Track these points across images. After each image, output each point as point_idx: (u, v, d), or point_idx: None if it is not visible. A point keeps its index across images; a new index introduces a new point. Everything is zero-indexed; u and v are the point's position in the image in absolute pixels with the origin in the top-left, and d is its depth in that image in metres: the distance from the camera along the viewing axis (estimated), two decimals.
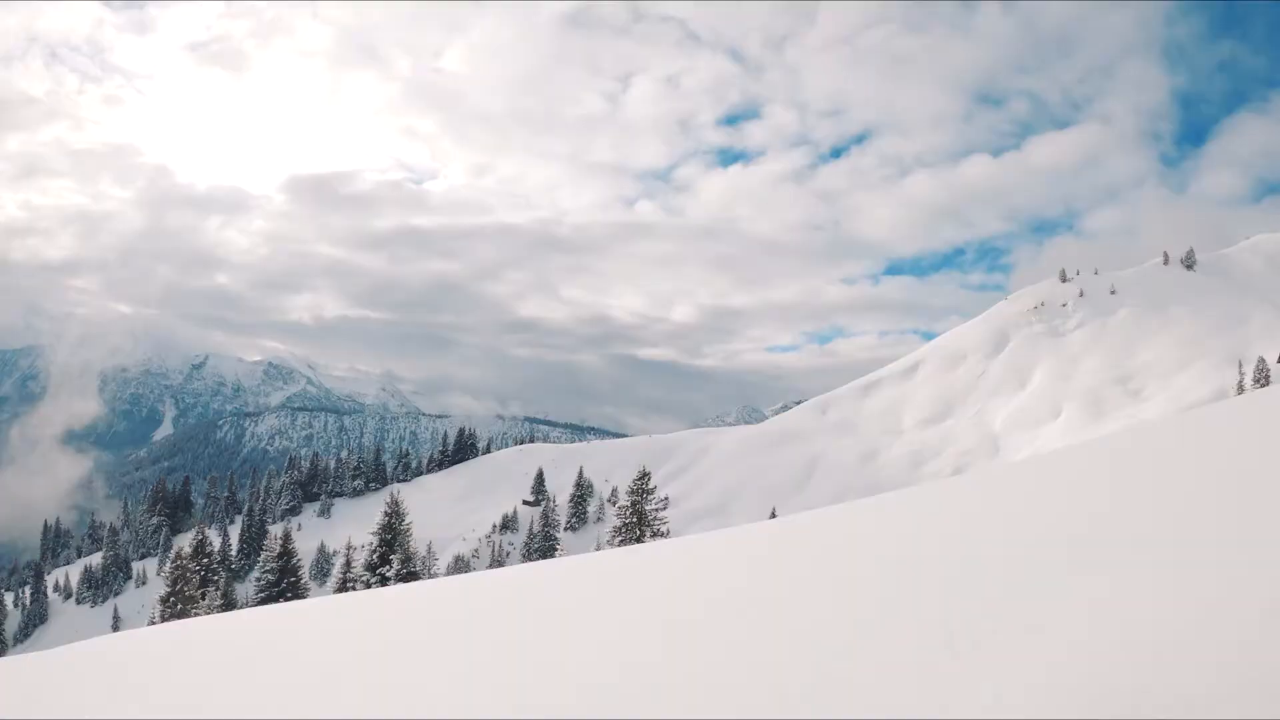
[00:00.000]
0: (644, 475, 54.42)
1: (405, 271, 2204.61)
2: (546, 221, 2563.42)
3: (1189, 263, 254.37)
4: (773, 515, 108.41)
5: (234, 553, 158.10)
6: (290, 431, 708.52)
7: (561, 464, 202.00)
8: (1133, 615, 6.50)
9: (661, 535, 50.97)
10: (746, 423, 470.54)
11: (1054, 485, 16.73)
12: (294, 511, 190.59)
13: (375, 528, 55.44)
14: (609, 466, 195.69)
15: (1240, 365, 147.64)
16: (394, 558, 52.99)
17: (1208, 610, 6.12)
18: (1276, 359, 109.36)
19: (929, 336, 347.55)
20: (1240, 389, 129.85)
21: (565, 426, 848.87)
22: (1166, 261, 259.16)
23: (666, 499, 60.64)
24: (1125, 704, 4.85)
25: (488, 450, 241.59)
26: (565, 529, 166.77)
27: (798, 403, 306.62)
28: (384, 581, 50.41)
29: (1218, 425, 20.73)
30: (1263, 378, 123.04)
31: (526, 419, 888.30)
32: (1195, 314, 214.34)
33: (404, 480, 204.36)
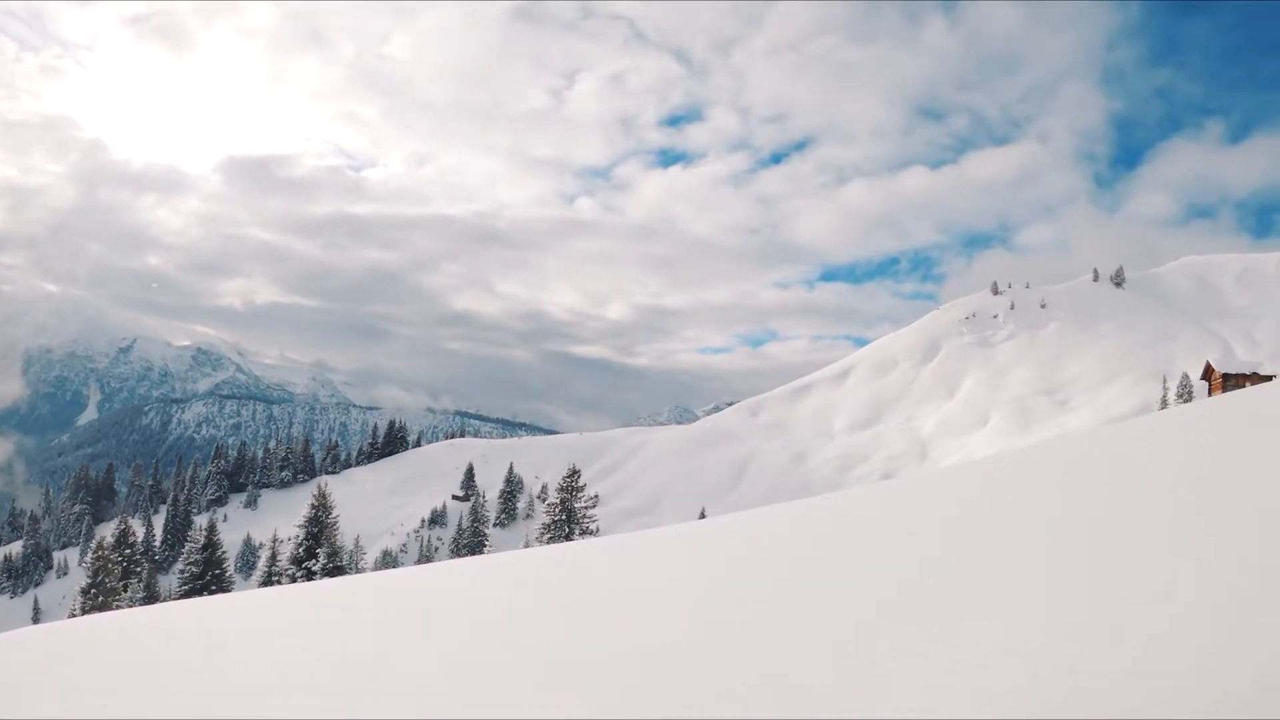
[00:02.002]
0: (574, 473, 54.43)
1: (340, 259, 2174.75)
2: (485, 215, 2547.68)
3: (1118, 280, 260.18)
4: (703, 515, 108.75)
5: (158, 544, 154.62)
6: (218, 420, 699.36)
7: (492, 459, 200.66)
8: (1048, 620, 6.55)
9: (591, 533, 51.04)
10: (678, 423, 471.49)
11: (981, 492, 16.94)
12: (220, 502, 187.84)
13: (302, 520, 54.87)
14: (540, 463, 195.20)
15: (1165, 381, 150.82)
16: (320, 552, 52.46)
17: (1121, 615, 6.25)
18: (1200, 375, 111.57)
19: (861, 343, 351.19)
20: (1164, 404, 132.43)
21: (497, 422, 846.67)
22: (1096, 278, 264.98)
23: (596, 497, 60.64)
24: (1045, 707, 4.92)
25: (418, 444, 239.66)
26: (495, 525, 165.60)
27: (730, 404, 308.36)
28: (309, 576, 49.85)
29: (1141, 437, 21.12)
30: (1186, 393, 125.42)
31: (458, 413, 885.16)
32: (1123, 330, 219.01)
33: (333, 472, 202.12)
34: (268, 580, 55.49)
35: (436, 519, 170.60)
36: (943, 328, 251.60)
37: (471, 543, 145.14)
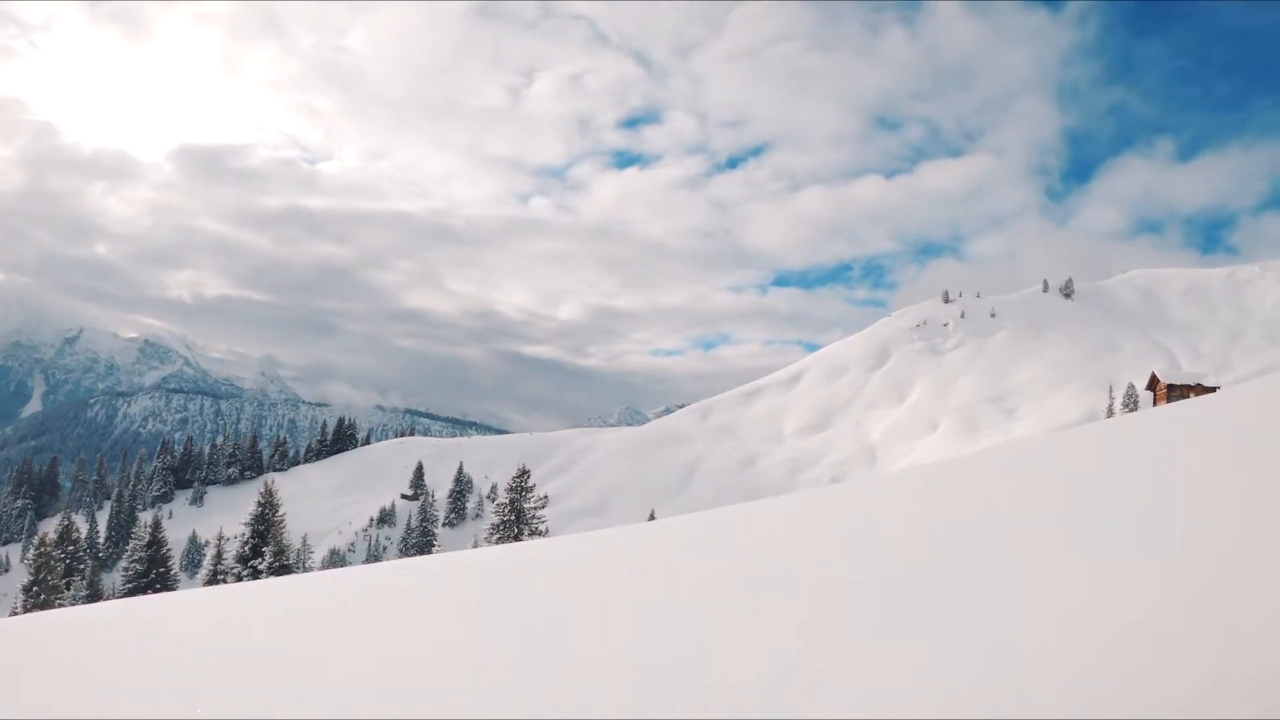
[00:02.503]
0: (523, 473, 54.32)
1: (291, 253, 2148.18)
2: (439, 212, 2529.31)
3: (1067, 291, 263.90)
4: (652, 517, 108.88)
5: (102, 540, 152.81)
6: (164, 414, 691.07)
7: (441, 458, 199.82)
8: (991, 622, 6.67)
9: (540, 534, 50.95)
10: (628, 424, 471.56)
11: (928, 496, 17.16)
12: (165, 498, 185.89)
13: (248, 518, 54.49)
14: (489, 462, 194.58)
15: (1111, 390, 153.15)
16: (266, 550, 52.15)
17: (1065, 619, 6.34)
18: (1145, 386, 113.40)
19: (812, 348, 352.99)
20: (1110, 413, 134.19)
21: (446, 420, 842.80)
22: (1046, 289, 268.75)
23: (546, 497, 60.48)
24: (986, 707, 5.01)
25: (367, 441, 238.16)
26: (443, 525, 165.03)
27: (680, 406, 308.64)
28: (255, 575, 49.55)
29: (1086, 445, 21.47)
30: (1131, 403, 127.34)
31: (407, 411, 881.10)
32: (1070, 340, 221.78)
33: (280, 469, 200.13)
34: (213, 579, 55.07)
35: (385, 518, 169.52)
36: (893, 335, 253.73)
37: (420, 542, 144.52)
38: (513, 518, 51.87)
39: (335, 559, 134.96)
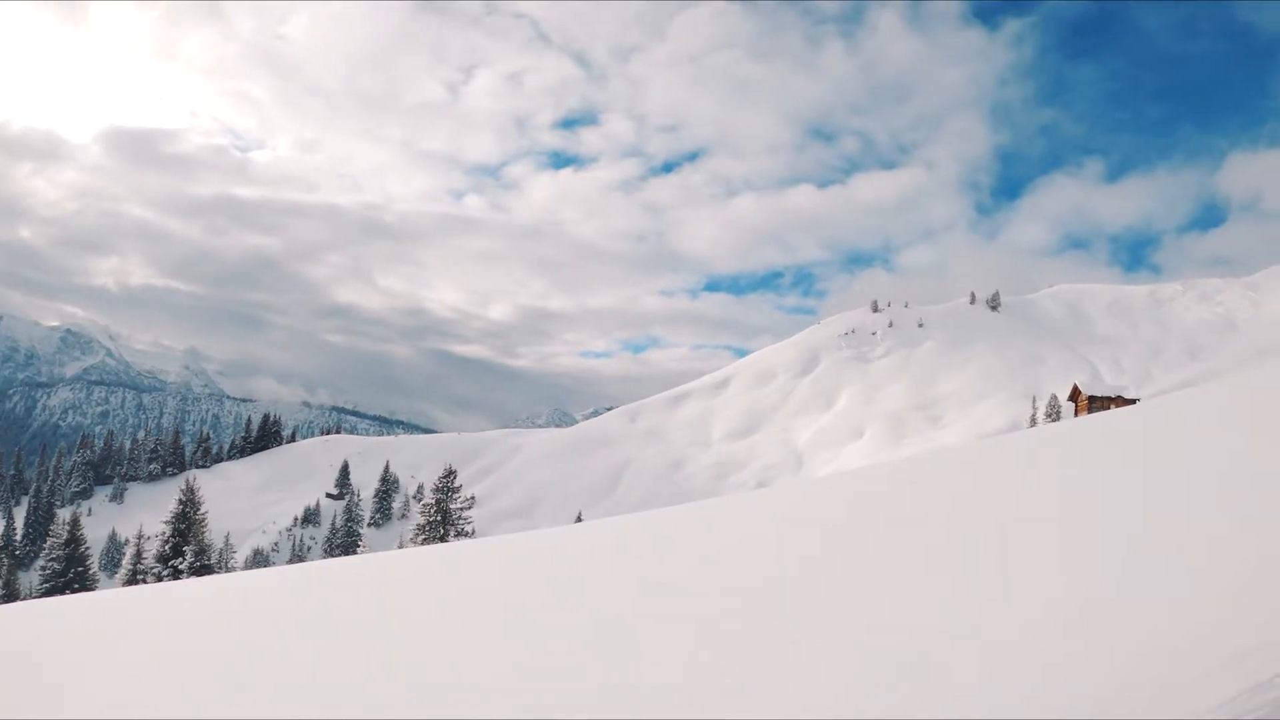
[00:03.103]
0: (450, 473, 54.06)
1: (220, 243, 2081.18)
2: (372, 206, 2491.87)
3: (994, 304, 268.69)
4: (579, 519, 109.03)
5: (18, 537, 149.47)
6: (85, 406, 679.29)
7: (368, 457, 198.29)
8: (904, 622, 6.91)
9: (466, 535, 50.63)
10: (557, 426, 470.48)
11: (853, 501, 17.49)
12: (85, 495, 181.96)
13: (169, 516, 53.71)
14: (416, 462, 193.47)
15: (1034, 401, 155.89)
16: (188, 549, 51.44)
17: (975, 619, 6.65)
18: (1067, 397, 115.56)
19: (741, 353, 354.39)
20: (1033, 422, 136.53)
21: (373, 419, 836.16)
22: (973, 301, 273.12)
23: (473, 498, 59.86)
24: (894, 707, 5.23)
25: (292, 439, 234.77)
26: (369, 525, 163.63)
27: (609, 409, 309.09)
28: (176, 575, 48.86)
29: (1009, 453, 21.98)
30: (1054, 413, 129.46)
31: (334, 408, 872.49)
32: (996, 351, 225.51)
33: (204, 466, 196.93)
34: (132, 579, 54.21)
35: (310, 517, 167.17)
36: (822, 342, 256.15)
37: (345, 543, 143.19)
38: (439, 518, 51.58)
39: (259, 559, 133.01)
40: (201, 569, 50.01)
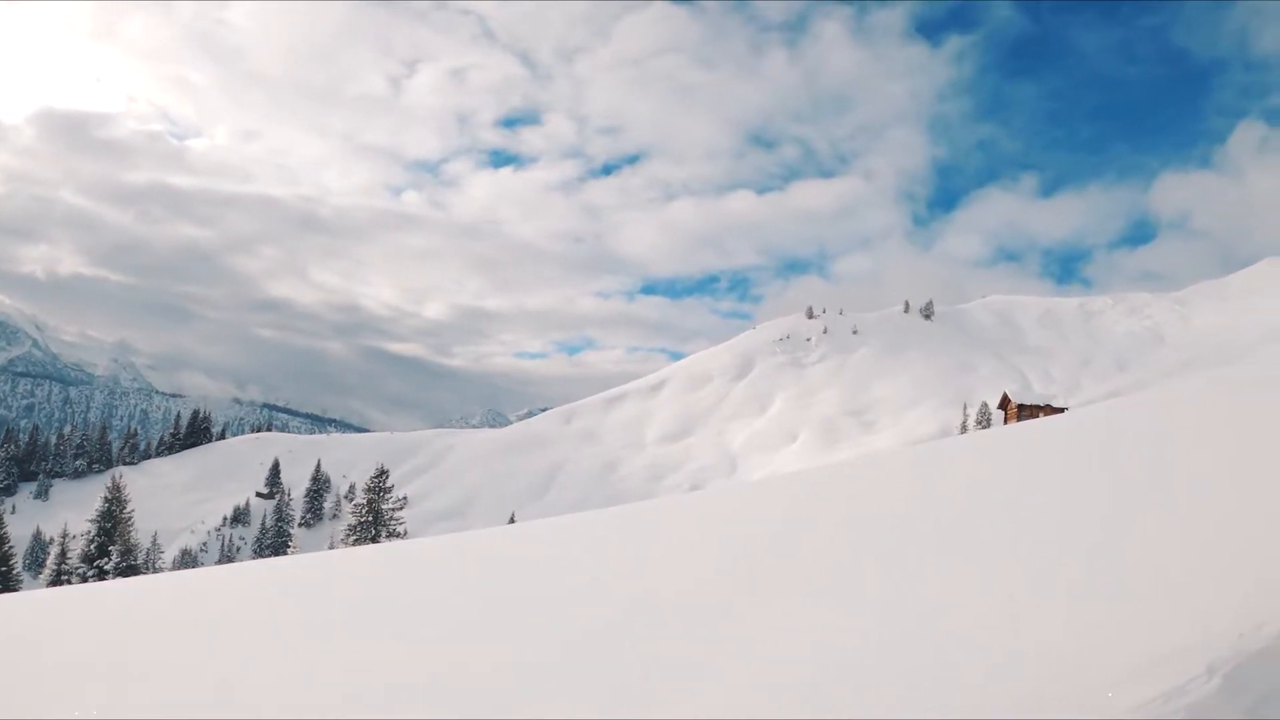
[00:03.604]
0: (382, 473, 53.67)
1: (153, 233, 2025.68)
2: (309, 199, 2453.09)
3: (927, 313, 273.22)
4: (512, 520, 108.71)
5: None
6: (10, 399, 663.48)
7: (299, 456, 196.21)
8: (838, 622, 6.99)
9: (398, 536, 50.33)
10: (491, 426, 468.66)
11: (785, 504, 17.62)
12: (8, 491, 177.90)
13: (94, 515, 52.90)
14: (349, 461, 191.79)
15: (965, 408, 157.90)
16: (114, 549, 50.69)
17: (895, 623, 6.70)
18: (997, 405, 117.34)
19: (677, 356, 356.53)
20: (964, 429, 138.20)
21: (305, 416, 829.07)
22: (907, 310, 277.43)
23: (405, 499, 59.46)
24: (829, 707, 5.23)
25: (222, 436, 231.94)
26: (300, 525, 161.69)
27: (543, 410, 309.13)
28: (102, 575, 48.08)
29: (940, 458, 22.26)
30: (985, 420, 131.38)
31: (265, 405, 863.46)
32: (929, 359, 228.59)
33: (131, 463, 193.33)
34: (56, 579, 53.25)
35: (239, 517, 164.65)
36: (757, 347, 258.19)
37: (275, 543, 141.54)
38: (370, 519, 51.18)
39: (187, 559, 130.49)
40: (128, 569, 49.28)
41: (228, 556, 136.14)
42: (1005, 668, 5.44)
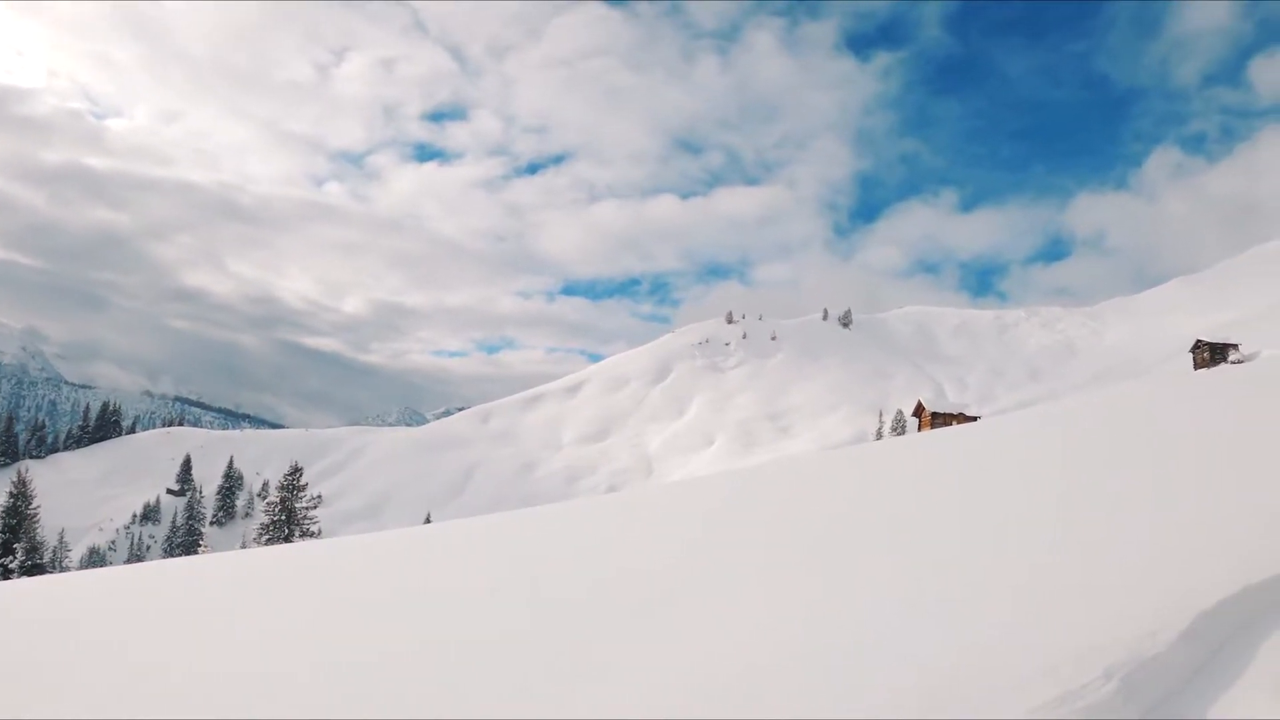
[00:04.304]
0: (296, 470, 53.11)
1: (67, 215, 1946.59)
2: (230, 186, 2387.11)
3: (846, 321, 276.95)
4: (427, 520, 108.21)
5: None
6: None
7: (212, 452, 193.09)
8: (735, 623, 7.15)
9: (311, 535, 49.84)
10: (407, 424, 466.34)
11: (699, 506, 17.94)
12: None
13: None
14: (262, 458, 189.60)
15: (881, 415, 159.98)
16: (18, 547, 49.70)
17: (797, 625, 6.82)
18: (912, 412, 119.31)
19: (595, 358, 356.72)
20: (879, 435, 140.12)
21: (219, 411, 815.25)
22: (826, 317, 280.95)
23: (319, 497, 58.84)
24: (721, 706, 5.34)
25: (133, 430, 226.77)
26: (211, 523, 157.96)
27: (460, 409, 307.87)
28: (5, 574, 47.12)
29: (854, 463, 22.82)
30: (900, 427, 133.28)
31: (178, 399, 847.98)
32: (846, 366, 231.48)
33: (38, 456, 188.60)
34: None
35: (149, 514, 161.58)
36: (676, 351, 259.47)
37: (186, 542, 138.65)
38: (283, 518, 50.69)
39: (95, 558, 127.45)
40: (33, 568, 48.47)
41: (137, 555, 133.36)
42: (911, 668, 5.54)
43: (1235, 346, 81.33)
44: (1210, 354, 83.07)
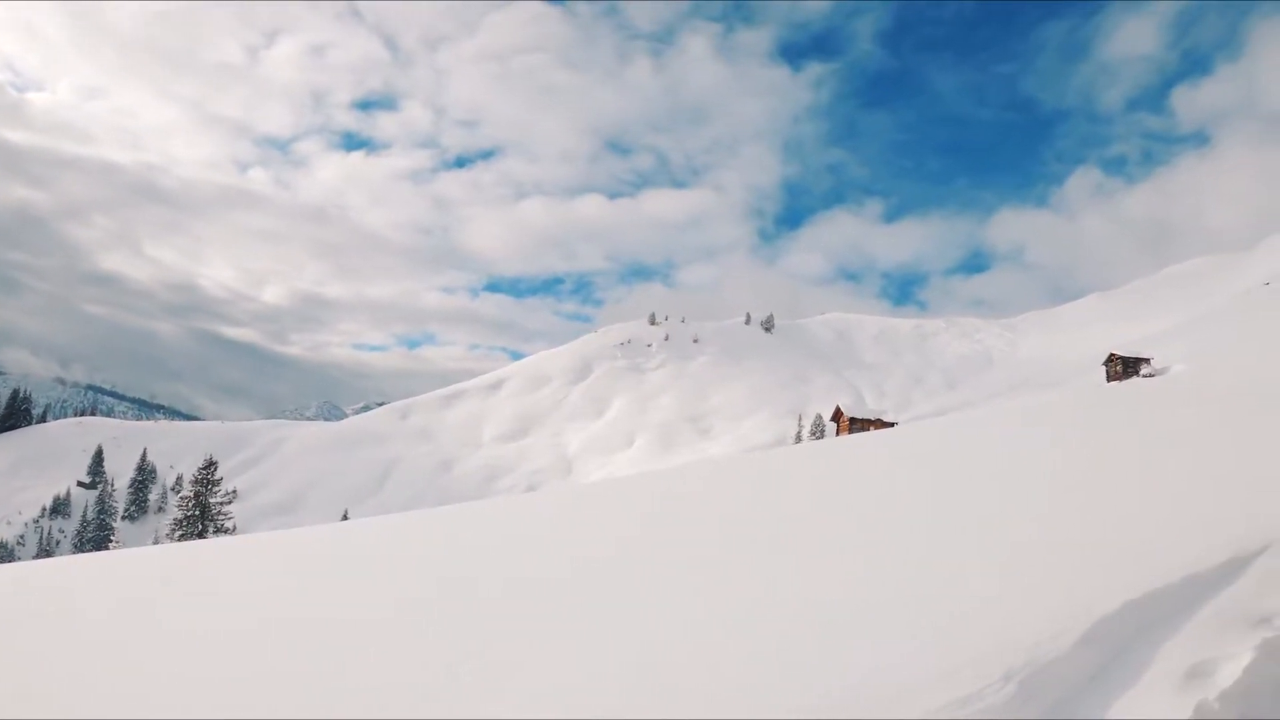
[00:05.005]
0: (211, 464, 52.41)
1: None
2: (152, 168, 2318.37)
3: (768, 325, 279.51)
4: (345, 517, 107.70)
5: None
6: None
7: (125, 443, 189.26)
8: (657, 624, 7.38)
9: (226, 531, 49.32)
10: (326, 419, 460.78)
11: (617, 507, 18.28)
12: None
13: None
14: (177, 450, 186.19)
15: (800, 419, 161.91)
16: None
17: (710, 626, 7.12)
18: (830, 417, 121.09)
19: (517, 356, 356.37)
20: (798, 439, 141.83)
21: (133, 401, 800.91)
22: (748, 321, 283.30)
23: (235, 492, 57.97)
24: (642, 706, 5.52)
25: (44, 419, 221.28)
26: (123, 518, 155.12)
27: (380, 404, 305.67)
28: None
29: (773, 466, 23.45)
30: (819, 431, 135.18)
31: (90, 387, 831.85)
32: (767, 370, 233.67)
33: None
34: None
35: (59, 508, 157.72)
36: (598, 351, 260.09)
37: (96, 537, 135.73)
38: (197, 513, 50.02)
39: (2, 553, 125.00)
40: None
41: (46, 550, 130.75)
42: (811, 672, 5.74)
43: (1147, 361, 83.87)
44: (1123, 367, 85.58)
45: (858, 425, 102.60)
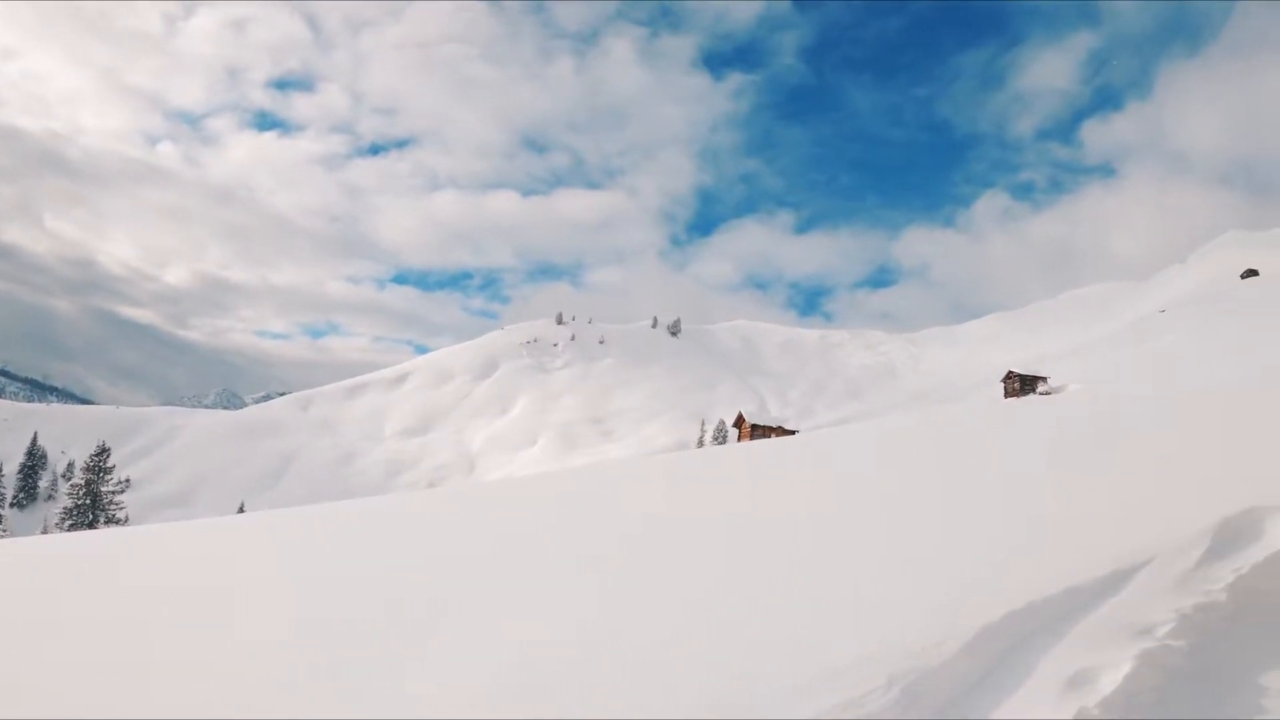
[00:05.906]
0: (103, 451, 51.44)
1: None
2: (59, 136, 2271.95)
3: (675, 330, 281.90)
4: (241, 510, 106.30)
5: None
6: None
7: (15, 426, 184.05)
8: (536, 626, 7.27)
9: (117, 522, 48.30)
10: (225, 407, 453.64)
11: (515, 507, 18.42)
12: None
13: None
14: (69, 435, 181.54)
15: (703, 424, 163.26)
16: None
17: (590, 631, 7.10)
18: (733, 423, 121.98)
19: (422, 350, 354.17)
20: (700, 443, 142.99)
21: (25, 382, 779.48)
22: (655, 325, 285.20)
23: (128, 481, 56.85)
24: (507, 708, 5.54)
25: None
26: (12, 505, 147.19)
27: (281, 394, 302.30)
28: None
29: (673, 470, 23.63)
30: (720, 436, 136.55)
31: None
32: (672, 374, 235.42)
33: None
34: None
35: None
36: (503, 348, 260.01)
37: None
38: (88, 502, 49.14)
39: None
40: None
41: None
42: (696, 670, 5.83)
43: (1044, 379, 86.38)
44: (1020, 384, 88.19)
45: (759, 432, 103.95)
